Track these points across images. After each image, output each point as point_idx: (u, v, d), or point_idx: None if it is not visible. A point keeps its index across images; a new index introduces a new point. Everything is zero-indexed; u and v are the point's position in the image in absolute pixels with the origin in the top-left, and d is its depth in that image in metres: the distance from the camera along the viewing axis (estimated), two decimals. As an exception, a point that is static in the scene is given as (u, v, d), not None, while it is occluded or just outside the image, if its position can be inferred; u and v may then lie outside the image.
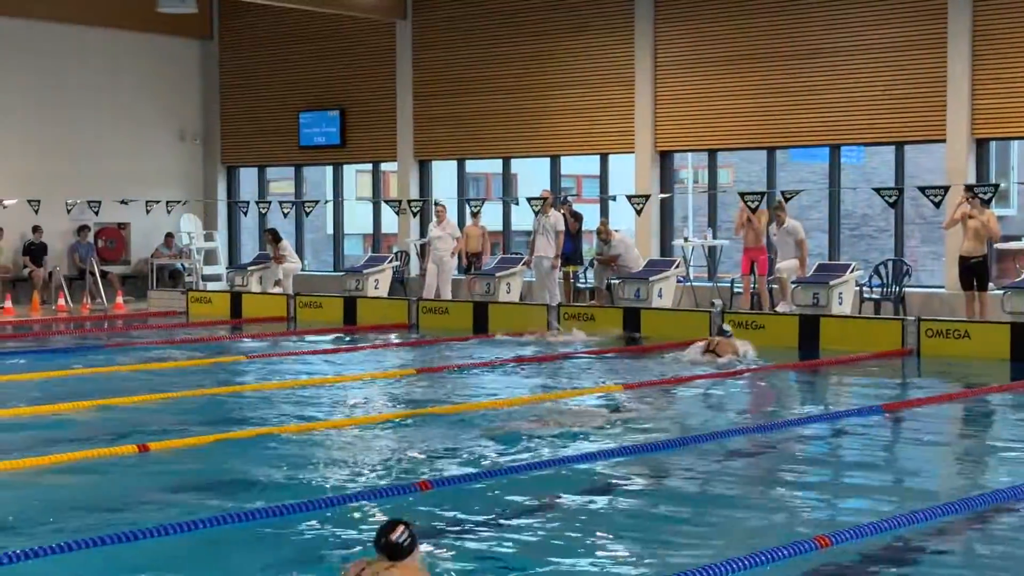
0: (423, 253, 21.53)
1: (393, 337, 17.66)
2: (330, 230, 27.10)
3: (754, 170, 29.26)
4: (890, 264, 17.98)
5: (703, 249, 20.62)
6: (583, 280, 20.57)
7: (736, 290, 19.08)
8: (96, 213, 22.48)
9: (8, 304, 20.70)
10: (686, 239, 20.42)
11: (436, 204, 21.24)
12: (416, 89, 23.13)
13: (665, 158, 21.02)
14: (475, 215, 21.29)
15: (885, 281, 17.89)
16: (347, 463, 8.85)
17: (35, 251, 22.79)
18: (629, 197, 19.05)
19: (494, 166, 24.77)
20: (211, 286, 23.58)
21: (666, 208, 21.01)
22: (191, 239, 24.43)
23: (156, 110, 24.97)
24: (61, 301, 21.71)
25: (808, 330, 16.03)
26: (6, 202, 21.68)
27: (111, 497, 7.78)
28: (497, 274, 19.86)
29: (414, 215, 21.22)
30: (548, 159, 22.28)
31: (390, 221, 24.28)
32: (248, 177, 26.16)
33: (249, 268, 22.50)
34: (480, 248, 21.37)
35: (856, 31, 18.91)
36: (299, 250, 24.13)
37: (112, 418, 10.62)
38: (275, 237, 22.35)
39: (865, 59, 18.83)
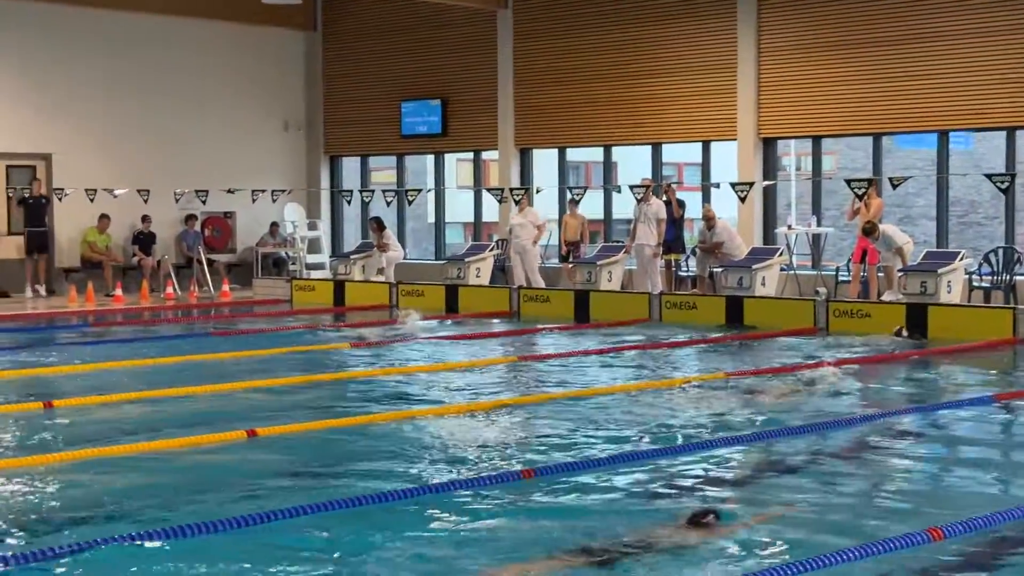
0: (507, 242, 21.54)
1: (495, 325, 17.68)
2: (431, 219, 27.27)
3: (858, 156, 28.86)
4: (1001, 252, 17.60)
5: (807, 237, 20.37)
6: (685, 268, 20.44)
7: (841, 278, 18.83)
8: (203, 202, 22.86)
9: (118, 292, 21.13)
10: (789, 227, 20.19)
11: (515, 192, 21.18)
12: (517, 77, 23.14)
13: (768, 145, 20.79)
14: (574, 203, 21.24)
15: (995, 269, 17.51)
16: (450, 450, 8.89)
17: (144, 240, 23.23)
18: (733, 184, 18.89)
19: (594, 154, 24.72)
20: (314, 274, 23.85)
21: (769, 195, 20.79)
22: (295, 228, 24.73)
23: (261, 101, 25.29)
24: (169, 289, 22.12)
25: (916, 319, 15.75)
26: (117, 192, 22.11)
27: (220, 482, 7.89)
28: (598, 262, 19.81)
29: (515, 203, 21.22)
30: (649, 147, 22.15)
31: (491, 210, 24.35)
32: (350, 166, 26.40)
33: (352, 256, 22.73)
34: (578, 237, 21.34)
35: (965, 13, 18.51)
36: (401, 238, 24.30)
37: (220, 404, 10.79)
38: (379, 225, 22.55)
39: (974, 42, 18.44)
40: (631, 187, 19.50)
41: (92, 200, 21.88)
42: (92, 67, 23.01)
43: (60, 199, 21.96)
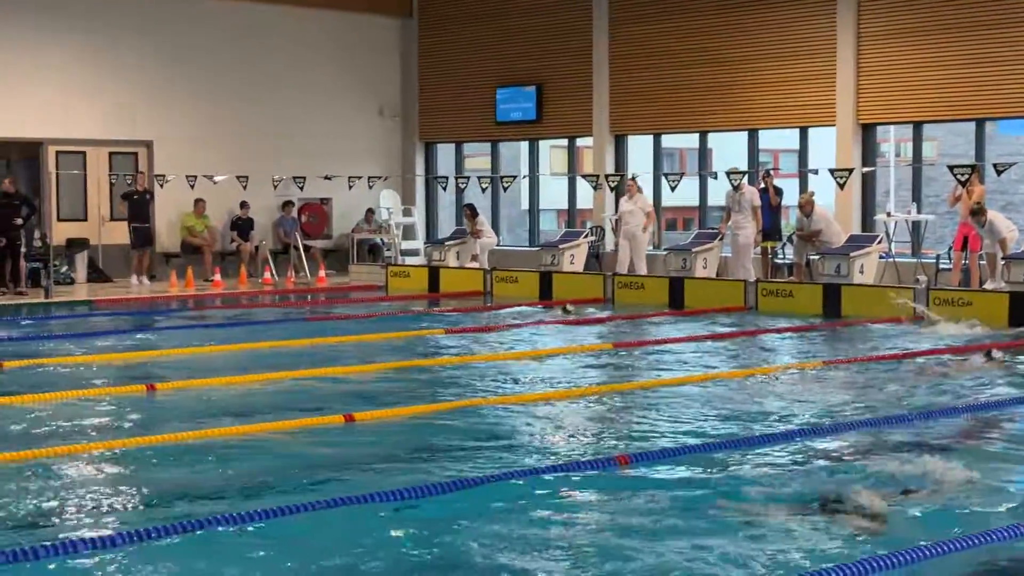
0: (616, 228, 21.48)
1: (589, 312, 17.65)
2: (525, 205, 27.27)
3: (959, 143, 28.33)
4: (1108, 239, 17.18)
5: (907, 224, 20.04)
6: (782, 256, 20.23)
7: (942, 266, 18.50)
8: (301, 189, 23.13)
9: (217, 277, 21.44)
10: (889, 213, 19.88)
11: (631, 178, 21.16)
12: (612, 63, 23.05)
13: (867, 130, 20.49)
14: (633, 189, 21.06)
15: (1103, 257, 17.09)
16: (545, 436, 8.90)
17: (242, 226, 23.54)
18: (832, 171, 18.63)
19: (689, 140, 24.55)
20: (409, 260, 24.00)
21: (868, 182, 20.49)
22: (390, 214, 24.89)
23: (357, 88, 25.48)
24: (267, 274, 22.40)
25: (1020, 307, 15.42)
26: (217, 178, 22.44)
27: (318, 465, 7.97)
28: (693, 249, 19.69)
29: (611, 190, 21.13)
30: (745, 133, 21.94)
31: (585, 196, 24.30)
32: (445, 153, 26.50)
33: (446, 243, 22.83)
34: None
35: (1073, -4, 18.08)
36: (495, 225, 24.35)
37: (317, 389, 10.91)
38: (472, 212, 22.63)
39: (1083, 25, 17.99)
40: (727, 173, 19.33)
41: (192, 187, 22.22)
42: (193, 55, 23.35)
43: (161, 185, 22.33)
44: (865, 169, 19.93)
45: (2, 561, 5.69)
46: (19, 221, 19.65)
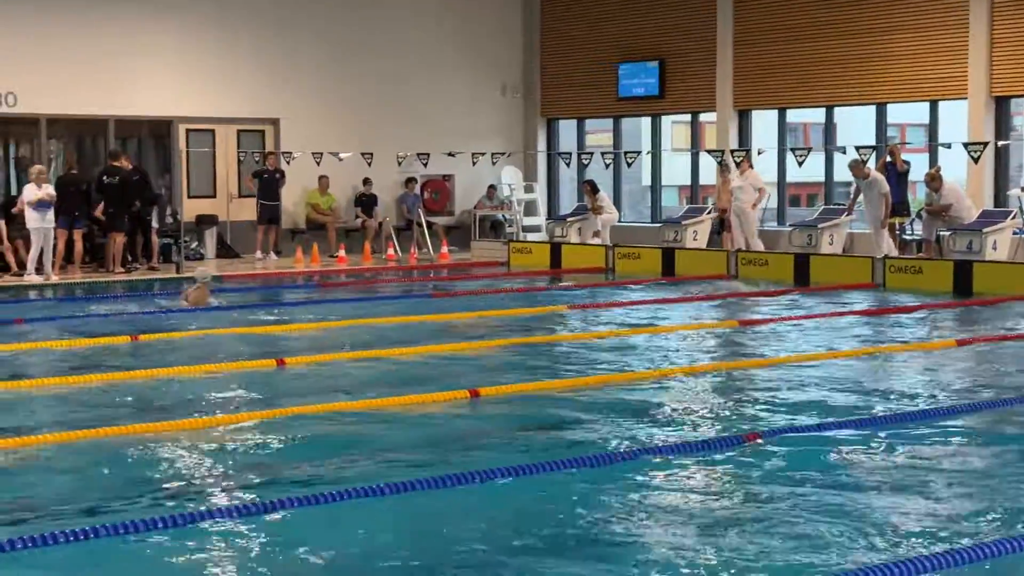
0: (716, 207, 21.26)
1: (713, 288, 17.50)
2: (646, 181, 27.11)
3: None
4: None
5: (1042, 199, 19.50)
6: (910, 232, 19.82)
7: (1079, 243, 17.98)
8: (425, 165, 23.30)
9: (342, 253, 21.70)
10: (1023, 189, 19.35)
11: (735, 153, 20.87)
12: (737, 37, 22.75)
13: (1001, 103, 19.93)
14: (726, 168, 20.72)
15: None
16: (670, 413, 8.84)
17: (366, 202, 23.78)
18: (966, 145, 18.19)
19: (814, 115, 24.16)
20: (531, 237, 24.02)
21: (1001, 156, 19.95)
22: (512, 191, 24.94)
23: (480, 64, 25.53)
24: (390, 250, 22.61)
25: None
26: (342, 155, 22.69)
27: (444, 440, 8.03)
28: (820, 225, 19.39)
29: (736, 166, 20.86)
30: (873, 107, 21.50)
31: (707, 172, 24.06)
32: (566, 129, 26.45)
33: (568, 219, 22.81)
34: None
35: None
36: (616, 201, 24.26)
37: (441, 364, 10.98)
38: (593, 188, 22.57)
39: None
40: (850, 166, 18.95)
41: (318, 163, 22.51)
42: (318, 33, 23.60)
43: (288, 163, 22.66)
44: (1000, 143, 19.40)
45: (160, 527, 5.85)
46: (136, 205, 20.05)
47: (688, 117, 24.88)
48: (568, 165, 24.31)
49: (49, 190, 18.48)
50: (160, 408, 9.03)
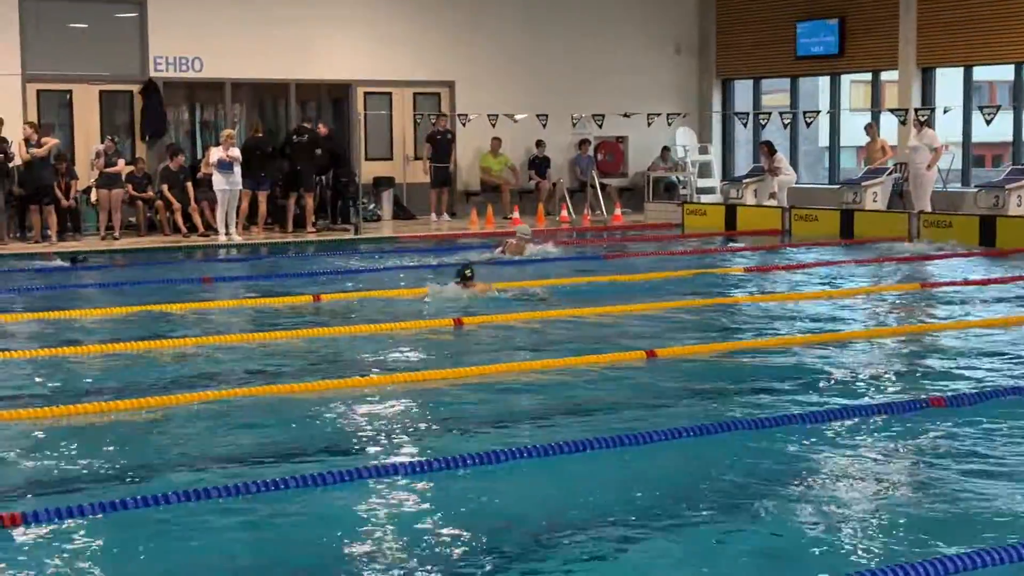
0: (904, 165, 20.66)
1: (893, 250, 17.07)
2: (823, 142, 26.57)
3: None
4: None
5: None
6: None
7: None
8: (600, 127, 23.26)
9: (515, 215, 21.81)
10: None
11: (919, 112, 20.25)
12: (920, -8, 22.10)
13: None
14: (873, 127, 20.03)
15: None
16: (848, 376, 8.69)
17: (539, 164, 23.85)
18: None
19: (1000, 72, 23.33)
20: (705, 199, 23.79)
21: None
22: (686, 152, 24.72)
23: (653, 24, 25.32)
24: (564, 212, 22.64)
25: None
26: (517, 117, 22.79)
27: (620, 401, 8.05)
28: (1007, 186, 18.76)
29: (922, 124, 20.22)
30: (1066, 63, 20.68)
31: (888, 132, 23.44)
32: (741, 89, 26.07)
33: (744, 180, 22.53)
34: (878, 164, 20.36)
35: None
36: (793, 162, 23.84)
37: (616, 325, 10.99)
38: (770, 149, 22.21)
39: None
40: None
41: (494, 125, 22.66)
42: (492, -4, 23.73)
43: (464, 124, 22.86)
44: None
45: (332, 482, 6.02)
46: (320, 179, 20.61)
47: (868, 76, 24.26)
48: (745, 126, 23.96)
49: (233, 152, 19.03)
50: (332, 365, 9.24)
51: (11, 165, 18.43)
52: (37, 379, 8.77)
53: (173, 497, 5.73)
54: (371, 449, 6.86)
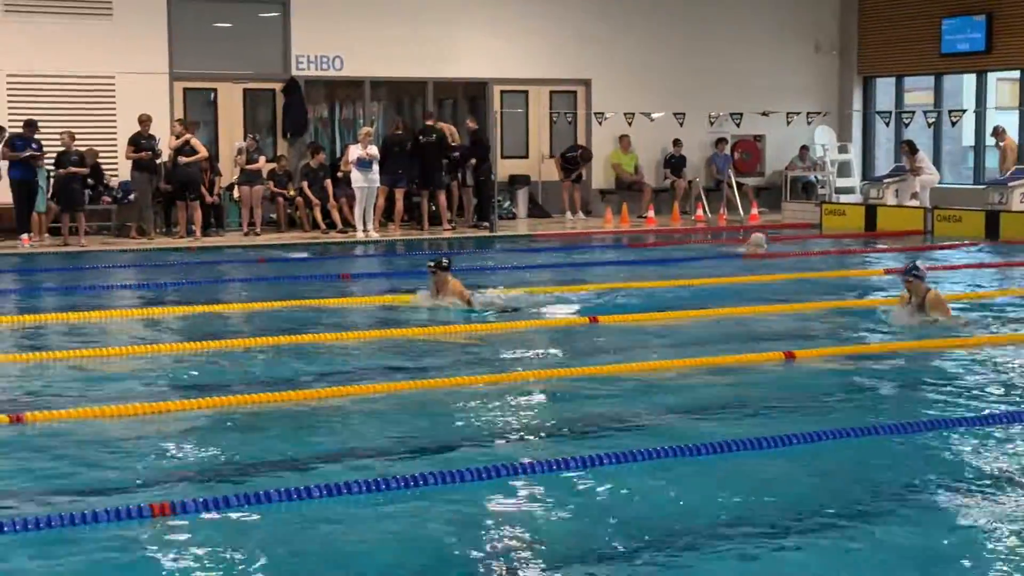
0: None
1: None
2: (967, 141, 25.93)
3: None
4: None
5: None
6: None
7: None
8: (738, 125, 23.04)
9: (651, 214, 21.74)
10: None
11: None
12: (1074, -13, 21.44)
13: None
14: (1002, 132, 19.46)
15: None
16: (990, 381, 8.48)
17: (675, 163, 23.71)
18: None
19: None
20: (844, 198, 23.40)
21: None
22: (825, 151, 24.34)
23: (792, 22, 24.97)
24: (699, 211, 22.48)
25: None
26: (654, 115, 22.69)
27: (754, 401, 7.99)
28: None
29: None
30: None
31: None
32: (883, 87, 25.57)
33: (885, 180, 22.11)
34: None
35: None
36: (936, 162, 23.31)
37: (754, 325, 10.89)
38: (911, 148, 21.76)
39: None
40: None
41: (630, 124, 22.60)
42: (629, -6, 23.66)
43: (600, 123, 22.84)
44: None
45: (471, 479, 6.07)
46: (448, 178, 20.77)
47: (1017, 74, 23.61)
48: (888, 124, 23.51)
49: (371, 150, 19.29)
50: (475, 361, 9.31)
51: (158, 162, 18.95)
52: (193, 372, 9.02)
53: (315, 491, 5.83)
54: (510, 447, 6.89)
